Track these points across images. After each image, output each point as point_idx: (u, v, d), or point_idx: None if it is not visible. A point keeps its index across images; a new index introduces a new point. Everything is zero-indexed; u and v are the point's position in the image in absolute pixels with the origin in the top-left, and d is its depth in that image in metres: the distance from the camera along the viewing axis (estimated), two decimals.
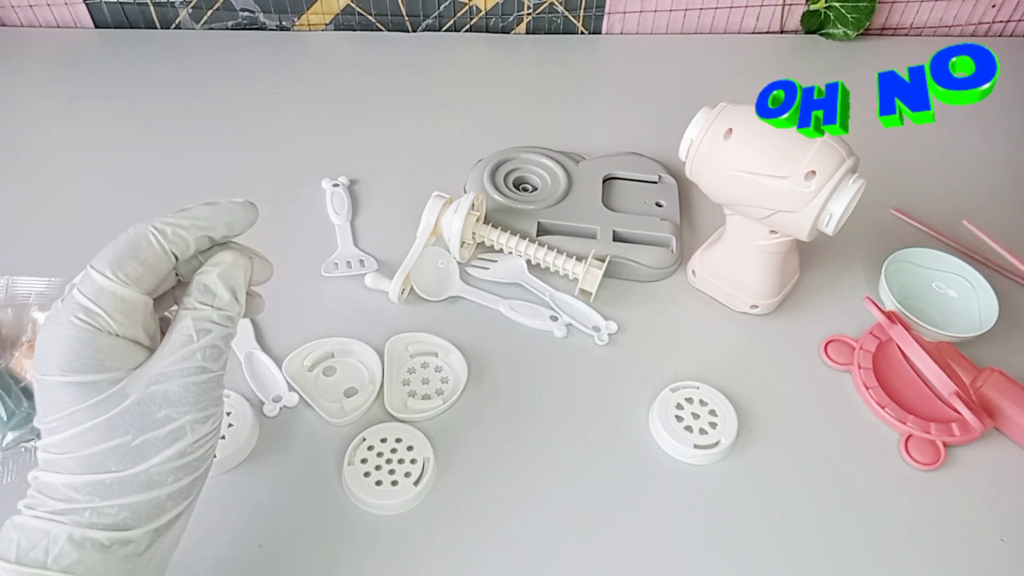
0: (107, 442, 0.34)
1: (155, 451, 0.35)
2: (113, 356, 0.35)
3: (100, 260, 0.36)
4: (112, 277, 0.35)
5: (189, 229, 0.37)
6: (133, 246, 0.36)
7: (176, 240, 0.37)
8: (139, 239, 0.36)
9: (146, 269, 0.36)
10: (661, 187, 0.66)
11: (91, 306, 0.35)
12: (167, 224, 0.37)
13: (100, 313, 0.35)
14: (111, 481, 0.34)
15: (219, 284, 0.37)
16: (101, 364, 0.34)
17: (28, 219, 0.63)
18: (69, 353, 0.34)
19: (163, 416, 0.35)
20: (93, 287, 0.35)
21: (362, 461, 0.48)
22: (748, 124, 0.49)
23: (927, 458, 0.50)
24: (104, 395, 0.34)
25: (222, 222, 0.38)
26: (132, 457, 0.34)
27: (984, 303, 0.57)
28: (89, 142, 0.70)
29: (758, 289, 0.56)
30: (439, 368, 0.54)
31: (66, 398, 0.34)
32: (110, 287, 0.35)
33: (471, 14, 0.84)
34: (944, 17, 0.87)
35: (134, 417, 0.34)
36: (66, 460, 0.34)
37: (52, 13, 0.82)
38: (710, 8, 0.85)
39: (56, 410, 0.34)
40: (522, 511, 0.47)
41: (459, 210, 0.56)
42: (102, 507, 0.34)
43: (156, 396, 0.35)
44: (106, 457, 0.34)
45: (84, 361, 0.34)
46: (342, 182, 0.67)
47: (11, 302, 0.54)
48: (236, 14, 0.82)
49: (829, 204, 0.48)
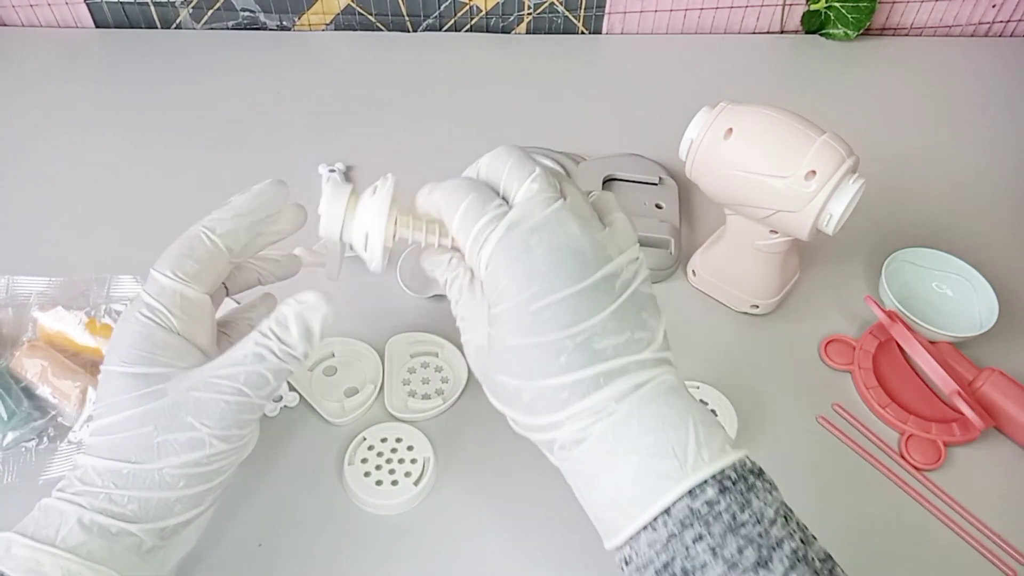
0: (135, 431, 0.36)
1: (172, 452, 0.36)
2: (168, 351, 0.37)
3: (161, 262, 0.39)
4: (172, 276, 0.38)
5: (233, 220, 0.40)
6: (188, 246, 0.39)
7: (224, 233, 0.40)
8: (192, 239, 0.40)
9: (202, 266, 0.39)
10: (661, 188, 0.66)
11: (153, 303, 0.38)
12: (213, 220, 0.40)
13: (161, 309, 0.38)
14: (128, 471, 0.35)
15: (293, 321, 0.38)
16: (154, 358, 0.37)
17: (28, 219, 0.63)
18: (129, 345, 0.37)
19: (188, 422, 0.36)
20: (156, 286, 0.38)
21: (362, 461, 0.48)
22: (748, 124, 0.49)
23: (927, 458, 0.50)
24: (149, 389, 0.36)
25: (258, 204, 0.41)
26: (150, 452, 0.36)
27: (984, 303, 0.57)
28: (89, 142, 0.70)
29: (758, 289, 0.56)
30: (439, 368, 0.54)
31: (118, 386, 0.36)
32: (170, 285, 0.38)
33: (471, 14, 0.84)
34: (944, 17, 0.87)
35: (164, 415, 0.36)
36: (100, 444, 0.36)
37: (52, 13, 0.82)
38: (710, 8, 0.85)
39: (107, 396, 0.37)
40: (522, 511, 0.47)
41: (379, 196, 0.41)
42: (115, 494, 0.35)
43: (189, 402, 0.36)
44: (131, 447, 0.36)
45: (140, 353, 0.37)
46: (338, 168, 0.67)
47: (11, 302, 0.54)
48: (236, 14, 0.82)
49: (829, 204, 0.48)
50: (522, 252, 0.35)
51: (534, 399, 0.35)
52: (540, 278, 0.34)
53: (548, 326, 0.34)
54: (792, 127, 0.48)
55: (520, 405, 0.36)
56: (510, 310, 0.35)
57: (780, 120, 0.49)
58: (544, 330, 0.34)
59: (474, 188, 0.37)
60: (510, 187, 0.37)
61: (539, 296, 0.34)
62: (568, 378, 0.34)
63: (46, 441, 0.48)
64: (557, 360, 0.34)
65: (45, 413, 0.48)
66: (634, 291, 0.36)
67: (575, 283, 0.34)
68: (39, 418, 0.48)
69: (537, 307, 0.34)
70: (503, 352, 0.36)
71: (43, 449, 0.48)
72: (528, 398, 0.35)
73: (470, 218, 0.36)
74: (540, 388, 0.35)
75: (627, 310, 0.35)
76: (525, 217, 0.35)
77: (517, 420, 0.37)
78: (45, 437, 0.48)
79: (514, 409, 0.37)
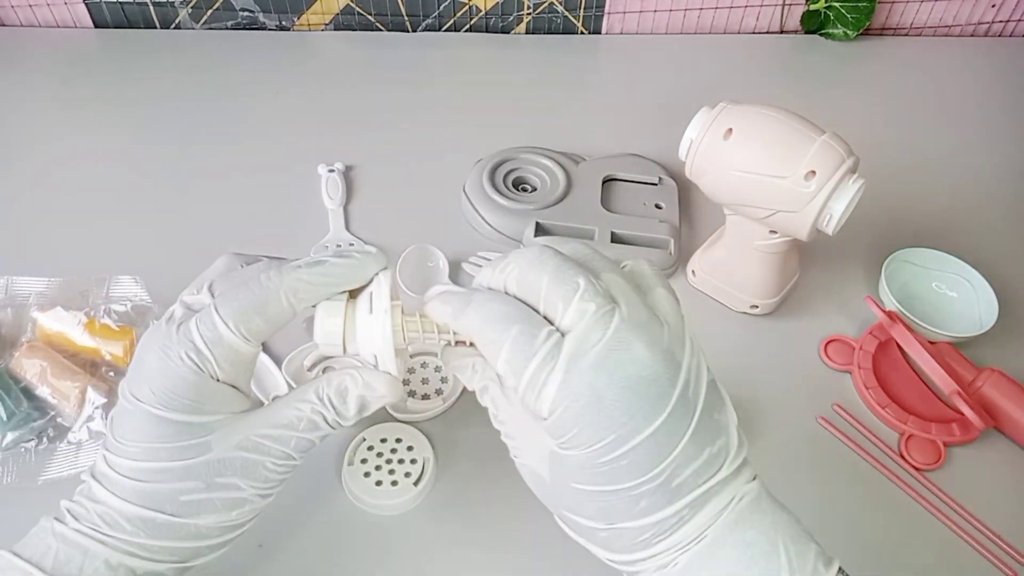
0: (174, 484, 0.34)
1: (212, 510, 0.35)
2: (213, 401, 0.35)
3: (226, 307, 0.35)
4: (235, 331, 0.34)
5: (321, 288, 0.36)
6: (262, 302, 0.35)
7: (307, 299, 0.36)
8: (269, 295, 0.35)
9: (269, 326, 0.35)
10: (661, 189, 0.66)
11: (205, 351, 0.34)
12: (300, 281, 0.36)
13: (211, 360, 0.34)
14: (162, 522, 0.34)
15: (353, 400, 0.36)
16: (200, 408, 0.34)
17: (28, 219, 0.63)
18: (173, 390, 0.34)
19: (231, 483, 0.35)
20: (213, 333, 0.34)
21: (362, 461, 0.48)
22: (748, 124, 0.49)
23: (927, 458, 0.50)
24: (192, 441, 0.34)
25: (355, 278, 0.37)
26: (190, 508, 0.34)
27: (984, 303, 0.57)
28: (89, 142, 0.70)
29: (758, 289, 0.56)
30: (439, 368, 0.54)
31: (155, 432, 0.34)
32: (229, 338, 0.34)
33: (471, 14, 0.84)
34: (944, 17, 0.87)
35: (208, 472, 0.34)
36: (129, 487, 0.34)
37: (52, 13, 0.82)
38: (710, 8, 0.85)
39: (140, 438, 0.34)
40: (522, 511, 0.47)
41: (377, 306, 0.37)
42: (146, 543, 0.34)
43: (235, 462, 0.35)
44: (167, 499, 0.34)
45: (184, 402, 0.34)
46: (338, 167, 0.67)
47: (11, 302, 0.54)
48: (236, 14, 0.82)
49: (829, 204, 0.48)
50: (591, 400, 0.30)
51: (611, 538, 0.33)
52: (614, 426, 0.30)
53: (625, 476, 0.31)
54: (792, 127, 0.48)
55: (597, 540, 0.33)
56: (582, 460, 0.31)
57: (780, 120, 0.49)
58: (621, 480, 0.31)
59: (516, 317, 0.32)
60: (554, 307, 0.32)
61: (615, 446, 0.31)
62: (650, 520, 0.31)
63: (45, 441, 0.48)
64: (637, 506, 0.31)
65: (44, 414, 0.48)
66: (705, 392, 0.33)
67: (653, 420, 0.31)
68: (39, 419, 0.48)
69: (613, 457, 0.31)
70: (573, 495, 0.32)
71: (43, 449, 0.48)
72: (604, 536, 0.33)
73: (519, 357, 0.31)
74: (619, 530, 0.32)
75: (703, 423, 0.32)
76: (584, 349, 0.31)
77: (594, 552, 0.34)
78: (44, 438, 0.48)
79: (589, 542, 0.34)
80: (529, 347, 0.31)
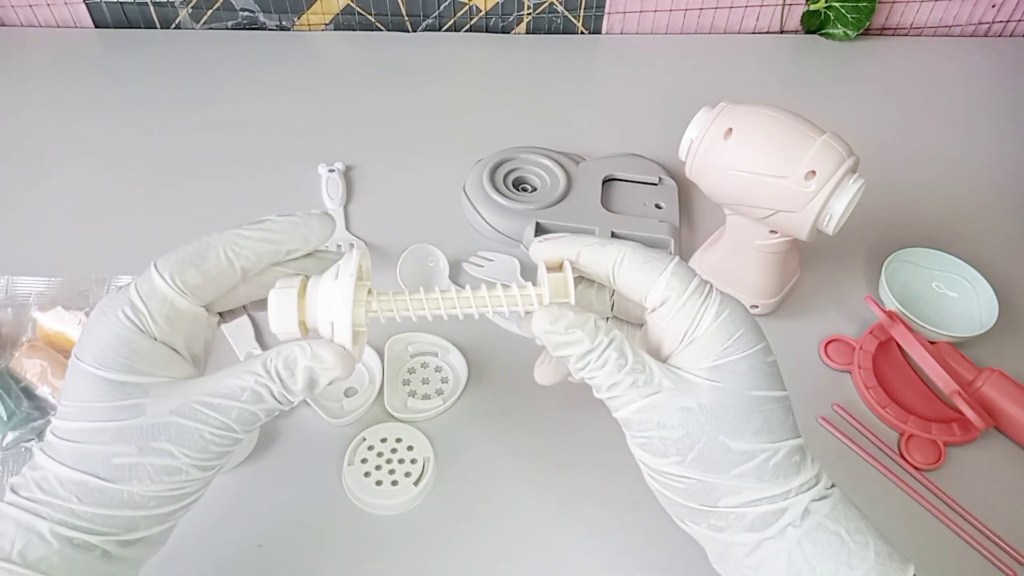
0: (106, 446, 0.33)
1: (144, 477, 0.33)
2: (147, 360, 0.34)
3: (164, 260, 0.35)
4: (170, 282, 0.35)
5: (262, 243, 0.36)
6: (199, 254, 0.35)
7: (247, 255, 0.36)
8: (207, 248, 0.35)
9: (206, 280, 0.35)
10: (661, 189, 0.66)
11: (139, 304, 0.34)
12: (239, 236, 0.36)
13: (145, 314, 0.34)
14: (95, 487, 0.33)
15: (302, 373, 0.34)
16: (133, 366, 0.34)
17: (28, 219, 0.63)
18: (107, 347, 0.34)
19: (166, 449, 0.33)
20: (148, 286, 0.35)
21: (362, 461, 0.48)
22: (748, 124, 0.49)
23: (927, 458, 0.50)
24: (125, 402, 0.33)
25: (298, 236, 0.37)
26: (121, 473, 0.33)
27: (984, 303, 0.57)
28: (89, 142, 0.70)
29: (758, 289, 0.56)
30: (439, 368, 0.54)
31: (90, 391, 0.34)
32: (163, 290, 0.35)
33: (471, 14, 0.84)
34: (944, 17, 0.87)
35: (140, 436, 0.33)
36: (64, 449, 0.33)
37: (52, 13, 0.82)
38: (710, 8, 0.85)
39: (77, 397, 0.34)
40: (522, 511, 0.47)
41: (343, 271, 0.35)
42: (78, 509, 0.33)
43: (170, 427, 0.33)
44: (99, 462, 0.33)
45: (119, 360, 0.34)
46: (338, 167, 0.67)
47: (11, 302, 0.54)
48: (236, 14, 0.82)
49: (829, 204, 0.48)
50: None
51: (768, 460, 0.34)
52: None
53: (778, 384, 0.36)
54: (792, 127, 0.48)
55: (749, 469, 0.34)
56: (749, 360, 0.35)
57: (780, 120, 0.49)
58: (778, 386, 0.36)
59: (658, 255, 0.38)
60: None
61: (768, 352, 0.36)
62: (797, 442, 0.35)
63: None
64: (788, 418, 0.36)
65: (45, 413, 0.48)
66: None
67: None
68: (39, 418, 0.48)
69: (773, 359, 0.37)
70: (739, 406, 0.35)
71: None
72: (761, 459, 0.34)
73: (675, 282, 0.36)
74: (777, 448, 0.34)
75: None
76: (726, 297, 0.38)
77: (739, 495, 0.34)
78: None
79: (740, 478, 0.34)
80: (689, 275, 0.37)
